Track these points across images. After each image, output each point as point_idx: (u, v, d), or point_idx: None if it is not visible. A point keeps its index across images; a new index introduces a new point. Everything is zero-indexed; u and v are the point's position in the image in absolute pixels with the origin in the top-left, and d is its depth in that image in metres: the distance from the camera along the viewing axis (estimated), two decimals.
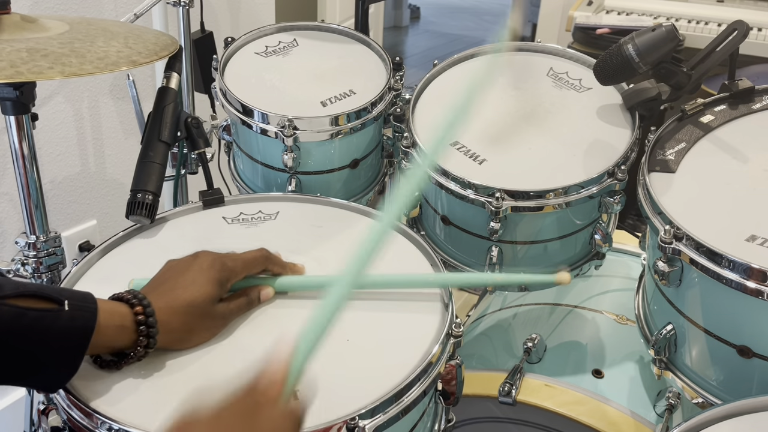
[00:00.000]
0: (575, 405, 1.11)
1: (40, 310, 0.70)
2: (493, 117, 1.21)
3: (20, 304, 0.69)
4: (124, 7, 1.85)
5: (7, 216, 1.76)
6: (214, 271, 0.82)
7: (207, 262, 0.83)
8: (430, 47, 5.51)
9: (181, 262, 0.85)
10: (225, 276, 0.84)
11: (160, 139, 1.06)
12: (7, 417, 1.82)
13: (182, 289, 0.80)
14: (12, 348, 0.69)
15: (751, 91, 1.14)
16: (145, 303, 0.77)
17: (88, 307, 0.73)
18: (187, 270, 0.83)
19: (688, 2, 2.75)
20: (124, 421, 0.72)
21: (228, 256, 0.86)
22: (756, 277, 0.84)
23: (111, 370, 0.78)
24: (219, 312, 0.83)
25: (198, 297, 0.80)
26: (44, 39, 0.95)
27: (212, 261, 0.84)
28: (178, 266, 0.84)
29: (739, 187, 0.98)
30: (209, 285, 0.81)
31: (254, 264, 0.88)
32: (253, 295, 0.87)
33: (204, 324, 0.82)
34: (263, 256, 0.89)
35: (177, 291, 0.80)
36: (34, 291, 0.71)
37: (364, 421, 0.73)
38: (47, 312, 0.70)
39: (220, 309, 0.83)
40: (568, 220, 1.12)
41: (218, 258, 0.85)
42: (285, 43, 1.38)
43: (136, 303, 0.76)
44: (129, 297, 0.77)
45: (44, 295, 0.71)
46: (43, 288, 0.72)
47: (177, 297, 0.80)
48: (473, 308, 1.48)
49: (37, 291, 0.71)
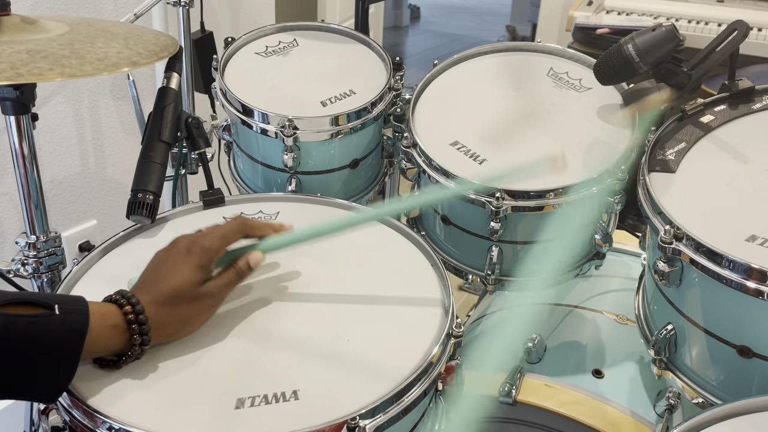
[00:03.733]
0: (575, 405, 1.11)
1: (30, 316, 0.69)
2: (493, 117, 1.21)
3: (10, 312, 0.69)
4: (124, 8, 1.85)
5: (7, 216, 1.76)
6: (192, 256, 0.82)
7: (184, 248, 0.83)
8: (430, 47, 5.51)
9: (161, 253, 0.84)
10: (205, 258, 0.83)
11: (161, 139, 1.07)
12: (7, 417, 1.82)
13: (164, 280, 0.80)
14: (6, 357, 0.68)
15: (751, 91, 1.14)
16: (133, 301, 0.77)
17: (79, 309, 0.73)
18: (166, 260, 0.83)
19: (688, 2, 2.75)
20: (125, 421, 0.72)
21: (204, 235, 0.85)
22: (756, 277, 0.84)
23: (111, 370, 0.78)
24: (207, 292, 0.82)
25: (181, 285, 0.80)
26: (44, 40, 0.95)
27: (189, 245, 0.83)
28: (160, 257, 0.84)
29: (739, 187, 0.98)
30: (190, 271, 0.81)
31: (232, 235, 0.87)
32: (241, 264, 0.86)
33: (196, 309, 0.82)
34: (239, 224, 0.88)
35: (160, 283, 0.80)
36: (22, 298, 0.70)
37: (365, 421, 0.73)
38: (37, 317, 0.70)
39: (208, 289, 0.83)
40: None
41: (194, 240, 0.84)
42: (285, 43, 1.38)
43: (125, 303, 0.76)
44: (117, 297, 0.77)
45: (34, 302, 0.71)
46: (31, 295, 0.72)
47: (161, 289, 0.79)
48: (473, 308, 1.48)
49: (26, 298, 0.71)
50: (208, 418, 0.73)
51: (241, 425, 0.73)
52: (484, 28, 6.02)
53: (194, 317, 0.82)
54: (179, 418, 0.74)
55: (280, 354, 0.82)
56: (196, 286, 0.81)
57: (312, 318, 0.87)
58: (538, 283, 0.80)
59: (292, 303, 0.90)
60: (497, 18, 6.15)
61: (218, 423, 0.73)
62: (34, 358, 0.70)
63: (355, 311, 0.89)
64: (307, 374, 0.79)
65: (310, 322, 0.87)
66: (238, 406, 0.74)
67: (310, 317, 0.88)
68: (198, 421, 0.73)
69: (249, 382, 0.77)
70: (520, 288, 0.77)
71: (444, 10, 6.53)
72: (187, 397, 0.76)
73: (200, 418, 0.74)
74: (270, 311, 0.88)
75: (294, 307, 0.89)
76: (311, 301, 0.90)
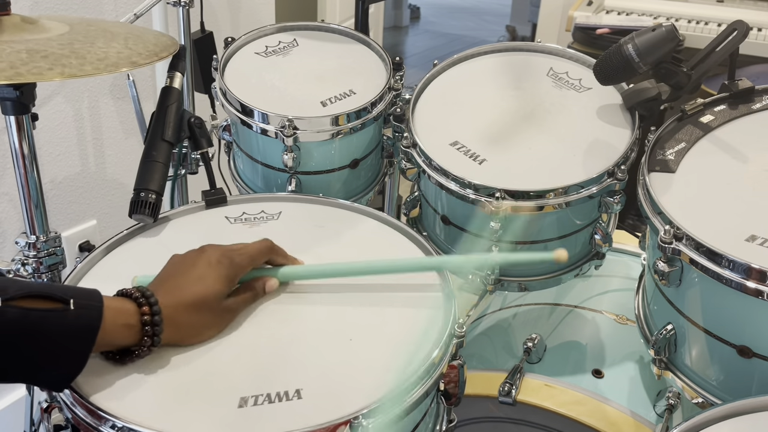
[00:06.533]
0: (575, 405, 1.11)
1: (44, 310, 0.69)
2: (493, 117, 1.21)
3: (26, 306, 0.69)
4: (124, 8, 1.85)
5: (7, 216, 1.76)
6: (222, 268, 0.82)
7: (215, 258, 0.83)
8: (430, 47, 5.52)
9: (187, 257, 0.84)
10: (233, 272, 0.84)
11: (164, 139, 1.07)
12: (7, 417, 1.82)
13: (191, 285, 0.80)
14: (18, 349, 0.69)
15: (751, 91, 1.14)
16: (152, 301, 0.76)
17: (93, 305, 0.72)
18: (194, 265, 0.82)
19: (688, 2, 2.75)
20: (128, 419, 0.72)
21: (234, 250, 0.86)
22: (756, 277, 0.84)
23: (115, 364, 0.78)
24: (227, 307, 0.83)
25: (208, 294, 0.80)
26: (44, 40, 0.95)
27: (220, 256, 0.83)
28: (185, 261, 0.84)
29: (739, 187, 0.98)
30: (218, 282, 0.81)
31: (260, 256, 0.88)
32: (258, 287, 0.88)
33: (213, 320, 0.82)
34: (267, 248, 0.89)
35: (185, 288, 0.80)
36: (39, 291, 0.70)
37: (368, 420, 0.73)
38: (52, 312, 0.70)
39: (230, 303, 0.83)
40: (568, 220, 1.12)
41: (225, 253, 0.84)
42: (285, 43, 1.38)
43: (144, 302, 0.76)
44: (137, 295, 0.77)
45: (50, 295, 0.70)
46: (48, 287, 0.72)
47: (185, 294, 0.79)
48: (473, 308, 1.48)
49: (43, 291, 0.70)
50: (212, 417, 0.73)
51: (244, 424, 0.73)
52: (484, 28, 6.02)
53: (209, 327, 0.82)
54: (183, 416, 0.74)
55: (284, 353, 0.82)
56: (221, 299, 0.82)
57: (315, 318, 0.88)
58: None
59: (295, 303, 0.90)
60: (497, 18, 6.15)
61: (221, 422, 0.73)
62: (44, 352, 0.70)
63: (357, 311, 0.89)
64: (310, 373, 0.79)
65: (313, 321, 0.87)
66: (241, 405, 0.74)
67: (313, 317, 0.88)
68: (201, 419, 0.73)
69: (252, 381, 0.77)
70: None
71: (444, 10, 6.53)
72: (190, 396, 0.76)
73: (204, 416, 0.74)
74: (274, 311, 0.88)
75: (297, 307, 0.89)
76: (314, 302, 0.90)
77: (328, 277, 0.93)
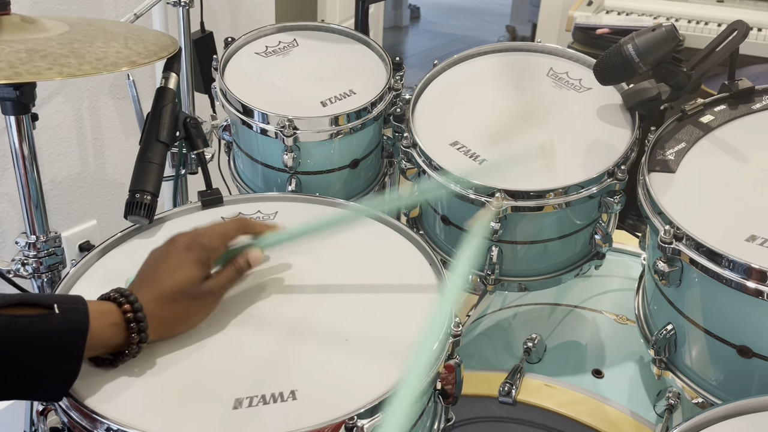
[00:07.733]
0: (575, 405, 1.11)
1: (31, 316, 0.69)
2: (493, 117, 1.21)
3: (12, 313, 0.69)
4: (124, 8, 1.85)
5: (7, 216, 1.76)
6: (192, 253, 0.82)
7: (183, 245, 0.83)
8: (430, 47, 5.52)
9: (159, 250, 0.84)
10: (204, 255, 0.83)
11: (159, 140, 1.06)
12: (7, 417, 1.82)
13: (165, 277, 0.80)
14: (11, 356, 0.68)
15: (751, 91, 1.14)
16: (131, 299, 0.77)
17: (78, 308, 0.73)
18: (166, 257, 0.82)
19: (688, 2, 2.75)
20: (123, 422, 0.72)
21: (203, 233, 0.86)
22: (756, 277, 0.84)
23: (107, 368, 0.78)
24: (208, 290, 0.83)
25: (182, 282, 0.80)
26: (43, 40, 0.95)
27: (188, 242, 0.83)
28: (157, 255, 0.84)
29: (739, 187, 0.98)
30: (190, 268, 0.81)
31: (230, 233, 0.88)
32: (241, 262, 0.87)
33: (195, 306, 0.82)
34: (238, 223, 0.89)
35: (160, 281, 0.80)
36: (21, 300, 0.70)
37: (363, 421, 0.73)
38: (38, 317, 0.70)
39: (209, 286, 0.83)
40: (568, 220, 1.12)
41: (194, 238, 0.84)
42: (285, 43, 1.38)
43: (123, 301, 0.76)
44: (116, 296, 0.77)
45: (34, 302, 0.71)
46: (30, 296, 0.72)
47: (162, 287, 0.80)
48: (473, 308, 1.48)
49: (25, 299, 0.71)
50: (207, 419, 0.73)
51: (239, 425, 0.73)
52: (484, 28, 6.02)
53: (194, 314, 0.83)
54: (178, 418, 0.74)
55: (278, 354, 0.82)
56: (198, 283, 0.82)
57: (310, 318, 0.87)
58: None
59: (290, 303, 0.90)
60: (497, 18, 6.15)
61: (216, 424, 0.73)
62: (36, 357, 0.70)
63: (353, 311, 0.89)
64: (305, 374, 0.79)
65: (308, 322, 0.87)
66: (236, 407, 0.74)
67: (308, 317, 0.88)
68: (196, 421, 0.73)
69: (247, 382, 0.77)
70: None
71: (444, 10, 6.53)
72: (185, 398, 0.76)
73: (198, 418, 0.74)
74: (268, 311, 0.88)
75: (292, 308, 0.89)
76: (309, 302, 0.90)
77: (308, 234, 0.92)
